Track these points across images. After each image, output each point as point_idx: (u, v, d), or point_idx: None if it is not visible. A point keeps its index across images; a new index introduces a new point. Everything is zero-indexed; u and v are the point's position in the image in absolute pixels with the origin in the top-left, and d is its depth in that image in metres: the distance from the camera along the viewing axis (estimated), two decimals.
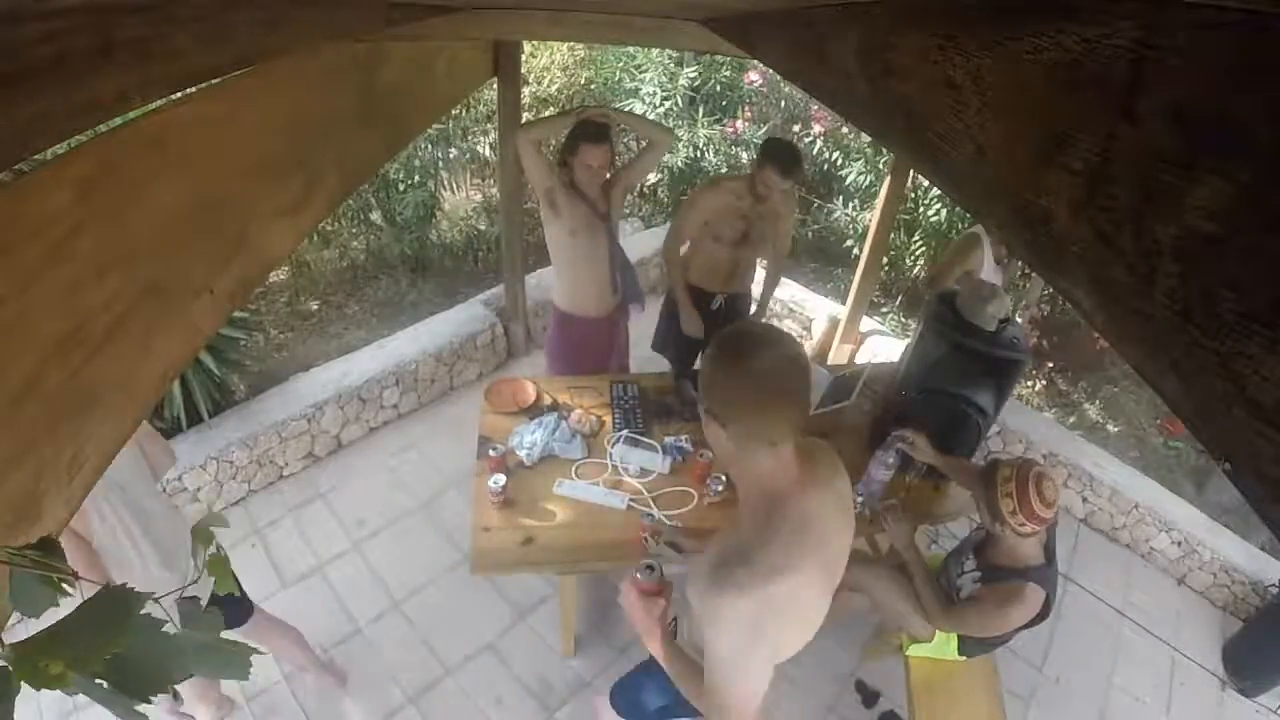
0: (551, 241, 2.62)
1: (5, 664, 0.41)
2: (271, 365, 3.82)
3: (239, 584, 1.91)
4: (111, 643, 0.45)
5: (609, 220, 2.62)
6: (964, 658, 2.21)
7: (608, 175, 2.54)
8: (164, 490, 2.77)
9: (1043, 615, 1.88)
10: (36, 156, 0.52)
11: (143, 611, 0.48)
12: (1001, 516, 1.79)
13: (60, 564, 0.48)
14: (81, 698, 0.46)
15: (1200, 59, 0.28)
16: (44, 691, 0.42)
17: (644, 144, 2.71)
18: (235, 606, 1.99)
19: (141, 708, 0.47)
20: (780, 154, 2.56)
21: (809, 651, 1.20)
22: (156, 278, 0.73)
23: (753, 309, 3.20)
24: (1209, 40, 0.28)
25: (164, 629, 0.51)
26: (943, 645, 2.20)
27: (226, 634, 0.58)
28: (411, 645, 2.64)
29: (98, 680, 0.45)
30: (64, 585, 0.48)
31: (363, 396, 3.35)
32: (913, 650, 2.28)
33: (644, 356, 3.25)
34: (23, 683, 0.41)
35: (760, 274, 3.25)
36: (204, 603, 1.63)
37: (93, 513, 1.57)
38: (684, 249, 2.97)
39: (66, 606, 0.48)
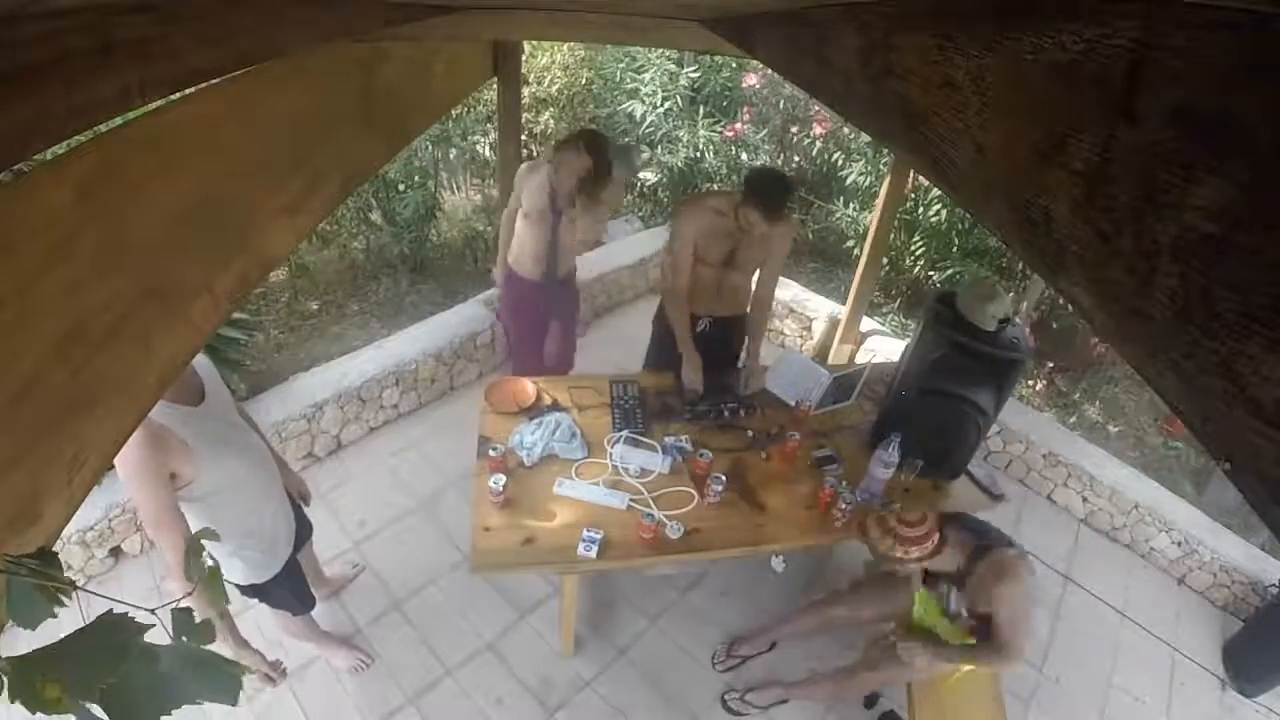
0: (511, 213, 3.09)
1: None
2: (271, 365, 3.82)
3: None
4: (110, 670, 0.44)
5: (561, 213, 2.96)
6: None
7: (585, 191, 2.88)
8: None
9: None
10: (36, 156, 0.52)
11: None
12: (893, 558, 1.90)
13: (58, 575, 0.48)
14: None
15: (1200, 59, 0.28)
16: None
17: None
18: None
19: None
20: (766, 195, 2.34)
21: (809, 651, 1.20)
22: (156, 277, 0.72)
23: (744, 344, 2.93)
24: (1209, 40, 0.28)
25: (159, 660, 0.49)
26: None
27: None
28: (411, 645, 2.64)
29: (90, 707, 0.44)
30: (60, 596, 0.47)
31: (362, 396, 3.35)
32: None
33: (636, 356, 3.23)
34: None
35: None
36: None
37: (202, 455, 1.57)
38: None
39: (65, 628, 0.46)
